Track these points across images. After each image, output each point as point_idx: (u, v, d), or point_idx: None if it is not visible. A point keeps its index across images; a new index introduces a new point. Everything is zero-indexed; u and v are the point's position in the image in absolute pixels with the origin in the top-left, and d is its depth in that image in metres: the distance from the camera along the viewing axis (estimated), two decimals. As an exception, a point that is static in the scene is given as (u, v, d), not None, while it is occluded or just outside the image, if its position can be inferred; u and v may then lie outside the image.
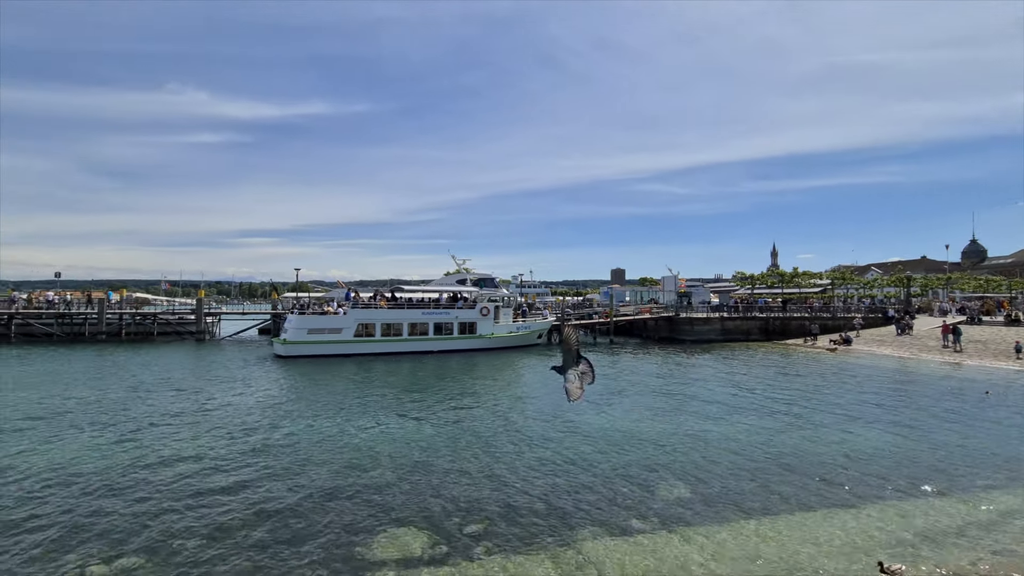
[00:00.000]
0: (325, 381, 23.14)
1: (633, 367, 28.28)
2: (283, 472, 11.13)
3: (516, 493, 10.04)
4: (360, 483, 10.53)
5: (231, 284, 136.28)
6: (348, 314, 32.27)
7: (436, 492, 10.07)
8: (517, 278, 76.37)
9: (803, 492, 10.19)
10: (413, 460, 12.01)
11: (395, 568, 7.31)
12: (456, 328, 34.78)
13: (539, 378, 24.50)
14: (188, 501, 9.51)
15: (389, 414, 16.65)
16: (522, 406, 18.07)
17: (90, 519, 8.72)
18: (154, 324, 42.20)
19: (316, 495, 9.86)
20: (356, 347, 31.90)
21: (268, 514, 8.99)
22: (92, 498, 9.62)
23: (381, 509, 9.26)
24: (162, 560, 7.41)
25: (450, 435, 14.19)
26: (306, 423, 15.37)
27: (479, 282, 39.68)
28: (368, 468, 11.43)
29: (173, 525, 8.52)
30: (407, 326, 33.56)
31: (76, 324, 40.14)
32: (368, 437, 13.90)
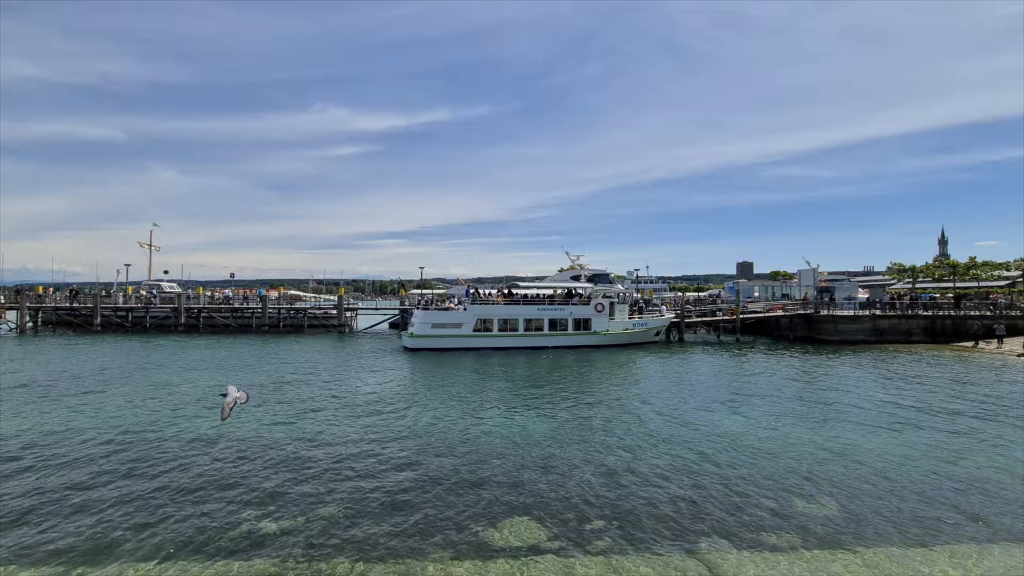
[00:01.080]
0: (448, 373, 24.48)
1: (764, 368, 25.97)
2: (412, 456, 11.99)
3: (636, 494, 9.75)
4: (482, 472, 10.97)
5: (365, 282, 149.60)
6: (468, 310, 33.83)
7: (555, 486, 10.15)
8: (632, 274, 74.05)
9: (977, 525, 8.57)
10: (532, 453, 12.23)
11: (517, 556, 7.51)
12: (571, 324, 34.74)
13: (657, 376, 23.55)
14: (328, 476, 10.66)
15: (508, 407, 17.14)
16: (640, 404, 17.51)
17: (247, 484, 10.16)
18: (304, 318, 47.97)
19: (442, 480, 10.47)
20: (475, 341, 33.32)
21: (398, 493, 9.75)
22: (251, 466, 11.19)
23: (502, 498, 9.56)
24: (301, 527, 8.39)
25: (568, 430, 14.21)
26: (432, 412, 16.39)
27: (593, 278, 39.21)
28: (489, 458, 11.87)
29: (316, 497, 9.61)
30: (523, 322, 34.26)
31: (246, 317, 47.08)
32: (488, 429, 14.44)
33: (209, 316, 46.52)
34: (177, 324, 45.45)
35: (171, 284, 61.16)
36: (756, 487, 10.12)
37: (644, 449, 12.52)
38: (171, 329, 45.17)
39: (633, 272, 74.41)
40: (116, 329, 45.03)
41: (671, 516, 8.82)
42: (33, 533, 8.04)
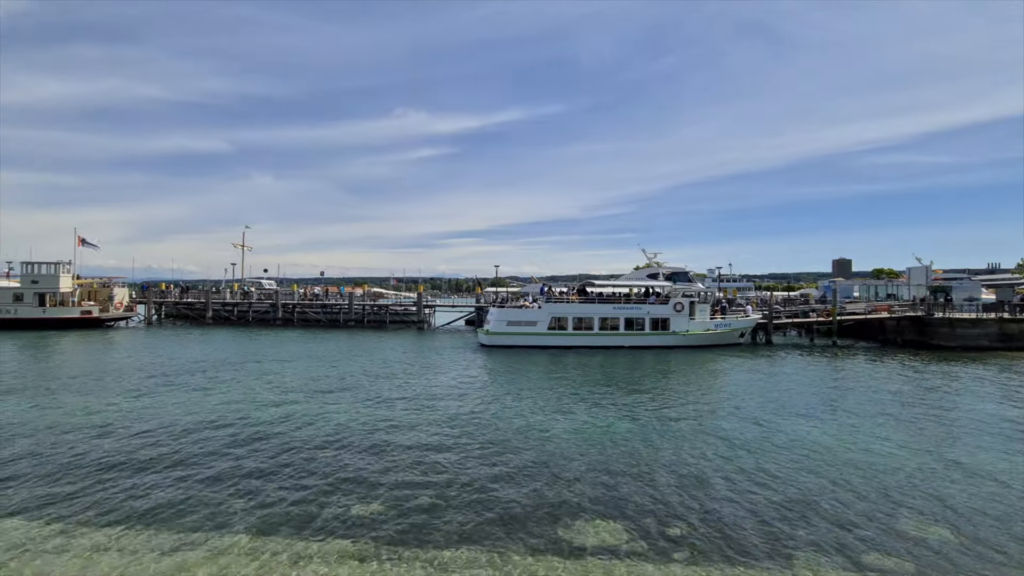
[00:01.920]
0: (524, 370, 24.69)
1: (865, 375, 23.77)
2: (493, 450, 12.22)
3: (721, 503, 9.30)
4: (562, 470, 10.96)
5: (442, 280, 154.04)
6: (542, 308, 33.90)
7: (635, 488, 9.93)
8: (714, 272, 70.70)
9: None
10: (611, 453, 12.04)
11: (596, 555, 7.44)
12: (648, 324, 33.77)
13: (743, 380, 22.30)
14: (414, 465, 11.12)
15: (583, 405, 17.00)
16: (724, 408, 16.66)
17: (340, 469, 10.82)
18: (386, 314, 50.45)
19: (522, 476, 10.59)
20: (549, 339, 33.33)
21: (480, 485, 9.97)
22: (344, 452, 11.91)
23: (580, 496, 9.51)
24: (390, 513, 8.79)
25: (647, 433, 13.84)
26: (510, 408, 16.61)
27: (672, 276, 37.86)
28: (569, 456, 11.84)
29: (404, 485, 10.06)
30: (598, 321, 33.78)
31: (334, 313, 50.34)
32: (566, 427, 14.40)
33: (302, 311, 50.21)
34: (275, 318, 49.55)
35: (269, 282, 66.65)
36: (859, 505, 9.30)
37: (730, 456, 11.91)
38: (270, 322, 49.31)
39: (714, 270, 70.98)
40: (224, 322, 49.86)
41: (760, 529, 8.33)
42: (156, 497, 9.10)
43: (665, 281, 36.80)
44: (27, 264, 44.46)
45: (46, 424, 13.89)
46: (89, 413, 15.14)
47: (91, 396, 17.48)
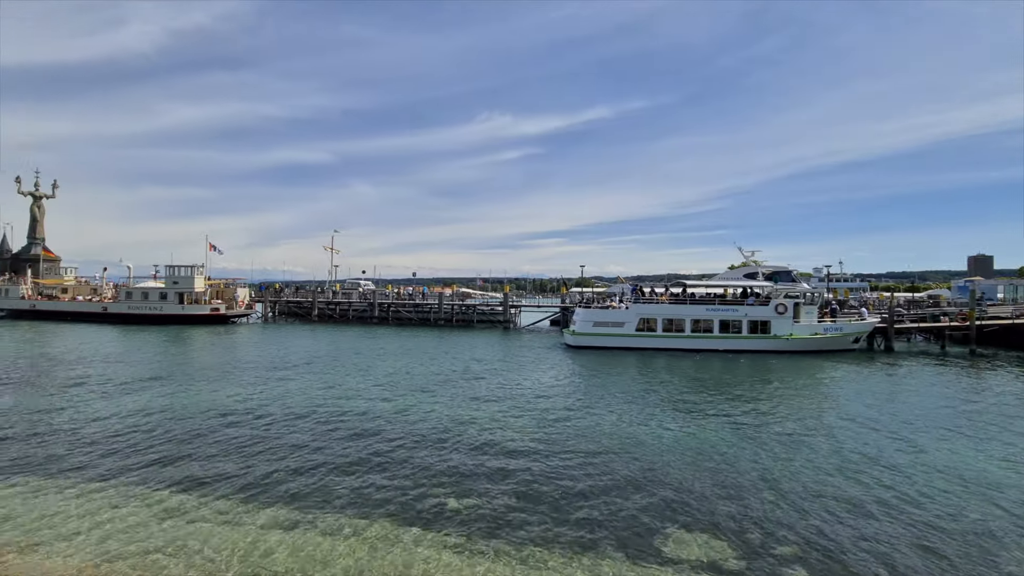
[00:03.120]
0: (611, 372, 24.17)
1: (1013, 391, 20.50)
2: (580, 452, 12.06)
3: (835, 524, 8.45)
4: (653, 476, 10.57)
5: (527, 280, 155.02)
6: (630, 309, 32.99)
7: (734, 501, 9.31)
8: (821, 271, 64.75)
9: None
10: (706, 463, 11.42)
11: (697, 570, 7.05)
12: (745, 326, 31.63)
13: (857, 390, 20.14)
14: (503, 463, 11.26)
15: (674, 412, 16.29)
16: (834, 421, 15.15)
17: (434, 461, 11.19)
18: (474, 313, 51.83)
19: (611, 480, 10.34)
20: (637, 341, 32.34)
21: (569, 487, 9.88)
22: (435, 445, 12.33)
23: (673, 507, 9.09)
24: (481, 508, 8.93)
25: (745, 442, 12.95)
26: (597, 411, 16.33)
27: (772, 276, 35.21)
28: (657, 463, 11.39)
29: (493, 482, 10.21)
30: (690, 322, 32.22)
31: (425, 312, 52.59)
32: (657, 432, 13.87)
33: (396, 310, 53.01)
34: (372, 316, 52.78)
35: (367, 282, 71.06)
36: (1003, 538, 7.99)
37: (841, 474, 10.79)
38: (367, 320, 52.60)
39: (822, 269, 65.03)
40: (327, 319, 53.96)
41: (881, 560, 7.43)
42: (270, 477, 9.99)
43: (765, 281, 34.30)
44: (169, 267, 51.18)
45: (186, 407, 15.84)
46: (224, 399, 17.07)
47: (224, 384, 19.71)
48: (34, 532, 7.83)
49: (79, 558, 7.11)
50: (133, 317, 49.92)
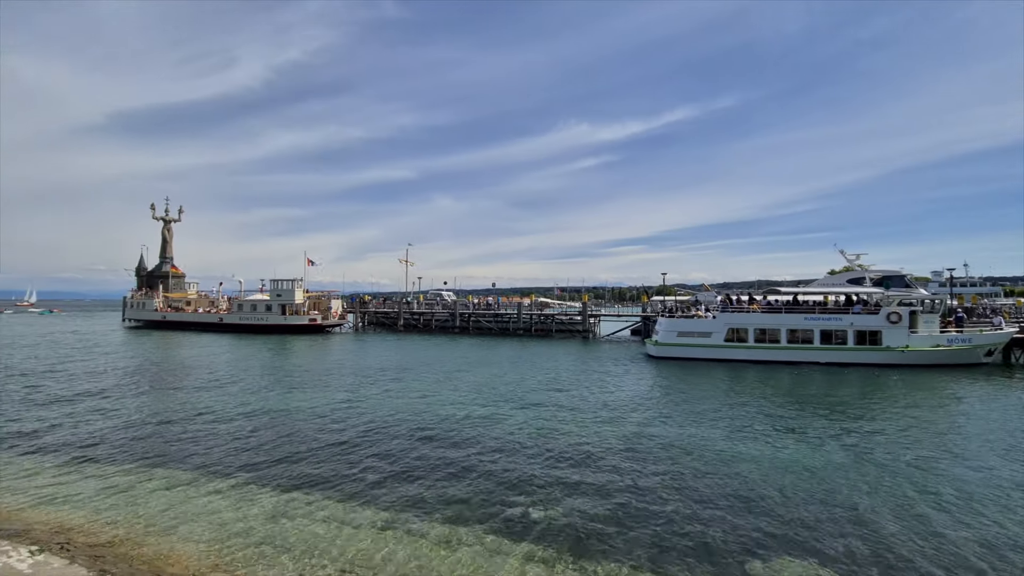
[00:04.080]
0: (696, 385, 23.03)
1: None
2: (665, 468, 11.56)
3: (964, 568, 7.37)
4: (743, 499, 9.87)
5: (605, 289, 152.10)
6: (717, 318, 31.29)
7: (846, 529, 8.45)
8: (942, 274, 57.81)
9: None
10: (810, 485, 10.49)
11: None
12: (851, 337, 28.83)
13: (994, 411, 17.58)
14: (586, 476, 11.03)
15: (771, 430, 15.16)
16: (965, 446, 13.32)
17: (514, 472, 11.20)
18: (552, 323, 51.71)
19: (700, 497, 9.81)
20: (726, 352, 30.59)
21: (654, 504, 9.47)
22: (516, 455, 12.34)
23: (775, 530, 8.42)
24: (564, 521, 8.78)
25: (857, 467, 11.74)
26: (682, 425, 15.61)
27: (882, 281, 31.94)
28: (752, 485, 10.63)
29: (576, 494, 10.02)
30: (785, 332, 29.95)
31: (504, 321, 53.29)
32: (748, 451, 12.98)
33: (476, 320, 54.19)
34: (454, 326, 54.36)
35: (448, 293, 73.31)
36: None
37: (980, 511, 9.43)
38: (449, 330, 54.24)
39: (942, 272, 58.09)
40: (412, 328, 56.31)
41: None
42: (363, 479, 10.50)
43: (874, 287, 31.17)
44: (273, 281, 56.02)
45: (292, 410, 17.17)
46: (326, 404, 18.32)
47: (326, 390, 21.18)
48: (167, 519, 8.80)
49: (203, 545, 7.88)
50: (244, 327, 55.17)
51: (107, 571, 6.80)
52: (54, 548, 7.43)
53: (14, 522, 8.55)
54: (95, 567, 6.89)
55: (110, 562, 7.17)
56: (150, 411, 16.99)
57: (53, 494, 9.87)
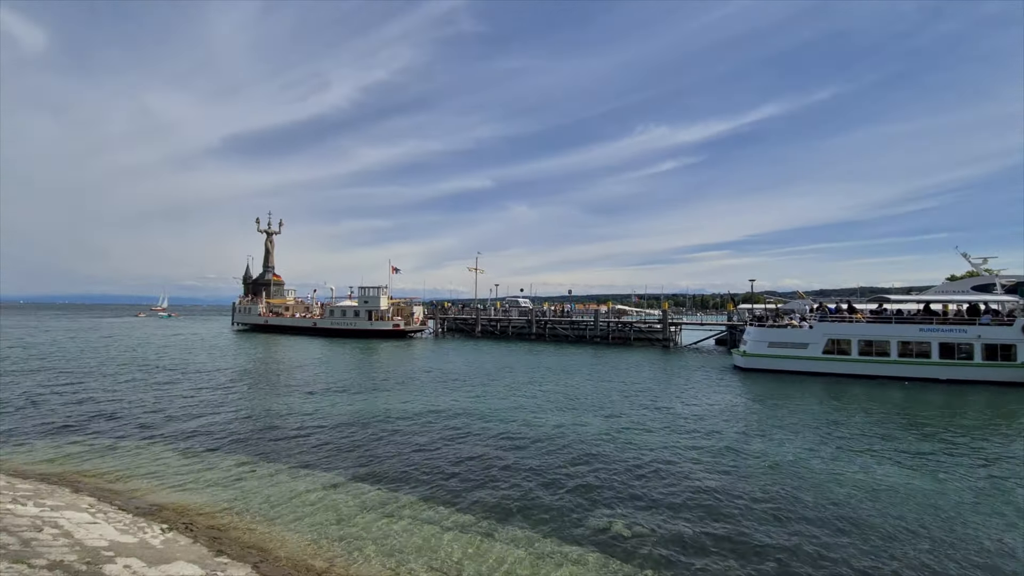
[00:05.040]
0: (790, 400, 21.38)
1: None
2: (759, 486, 10.81)
3: None
4: (848, 527, 8.99)
5: (685, 296, 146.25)
6: (815, 328, 28.89)
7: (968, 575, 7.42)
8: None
9: None
10: (921, 519, 9.35)
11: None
12: (979, 351, 25.47)
13: None
14: (670, 492, 10.56)
15: (880, 451, 13.71)
16: None
17: (598, 483, 10.95)
18: (630, 331, 50.39)
19: (796, 526, 9.05)
20: (824, 365, 28.16)
21: (749, 526, 8.87)
22: (600, 466, 12.07)
23: (885, 568, 7.56)
24: (649, 538, 8.43)
25: (981, 501, 10.30)
26: (777, 442, 14.54)
27: (1016, 288, 28.01)
28: (856, 512, 9.66)
29: (660, 511, 9.62)
30: (896, 345, 27.03)
31: (581, 329, 52.71)
32: (857, 475, 11.82)
33: (552, 327, 54.07)
34: (530, 333, 54.59)
35: (524, 300, 73.85)
36: None
37: None
38: (526, 336, 54.53)
39: (1096, 277, 49.85)
40: (489, 335, 57.26)
41: None
42: (445, 480, 10.74)
43: (1006, 295, 27.42)
44: (361, 288, 59.39)
45: (383, 411, 18.06)
46: (415, 406, 19.11)
47: (415, 392, 22.11)
48: (271, 508, 9.54)
49: (302, 535, 8.45)
50: (335, 331, 58.92)
51: (223, 551, 7.48)
52: (180, 527, 8.31)
53: (149, 502, 9.67)
54: (214, 547, 7.61)
55: (226, 543, 7.88)
56: (256, 408, 18.58)
57: (177, 479, 11.05)
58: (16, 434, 14.37)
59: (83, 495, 9.66)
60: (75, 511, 8.35)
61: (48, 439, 13.96)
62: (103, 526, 7.74)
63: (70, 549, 6.42)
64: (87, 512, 8.40)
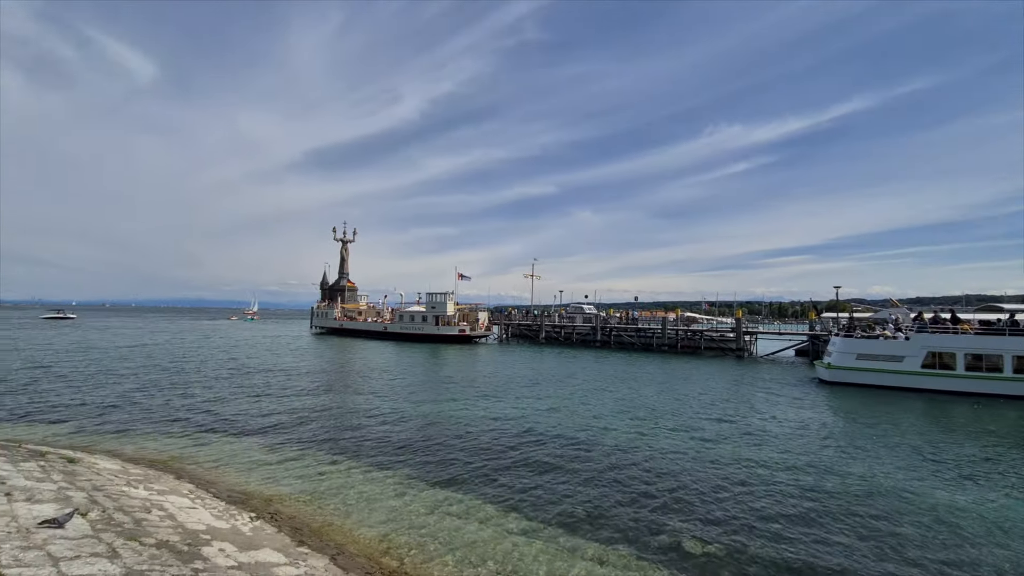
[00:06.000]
0: (885, 417, 19.56)
1: None
2: (851, 518, 9.96)
3: None
4: (967, 566, 8.05)
5: (761, 303, 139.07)
6: (911, 339, 26.34)
7: None
8: None
9: None
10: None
11: None
12: (1118, 369, 22.15)
13: None
14: (751, 510, 9.96)
15: (994, 481, 12.22)
16: None
17: (669, 497, 10.54)
18: (701, 339, 48.36)
19: (906, 555, 8.24)
20: (923, 381, 25.58)
21: (839, 553, 8.19)
22: (671, 479, 11.62)
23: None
24: (725, 557, 7.97)
25: None
26: (869, 466, 13.36)
27: None
28: (975, 548, 8.63)
29: (738, 529, 9.10)
30: (1011, 360, 24.08)
31: (648, 337, 51.27)
32: (967, 503, 10.60)
33: (618, 335, 53.00)
34: (594, 340, 53.81)
35: (589, 307, 73.02)
36: None
37: None
38: (590, 344, 53.80)
39: None
40: (553, 341, 57.03)
41: None
42: (512, 488, 10.75)
43: None
44: (429, 294, 61.22)
45: (452, 415, 18.48)
46: (481, 411, 19.43)
47: (476, 397, 22.47)
48: (346, 503, 9.99)
49: (375, 531, 8.77)
50: (403, 336, 61.06)
51: (304, 542, 7.91)
52: (266, 517, 8.89)
53: (239, 491, 10.44)
54: (296, 537, 8.07)
55: (306, 534, 8.34)
56: (334, 407, 19.59)
57: (263, 472, 11.85)
58: (131, 424, 16.04)
59: (184, 482, 10.58)
60: (177, 496, 9.16)
61: (156, 429, 15.46)
62: (201, 511, 8.43)
63: (173, 530, 7.05)
64: (187, 498, 9.19)
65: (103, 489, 8.46)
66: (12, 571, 4.50)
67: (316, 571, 6.79)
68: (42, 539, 5.48)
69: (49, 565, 4.83)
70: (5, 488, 7.28)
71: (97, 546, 5.63)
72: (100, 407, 18.33)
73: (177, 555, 6.04)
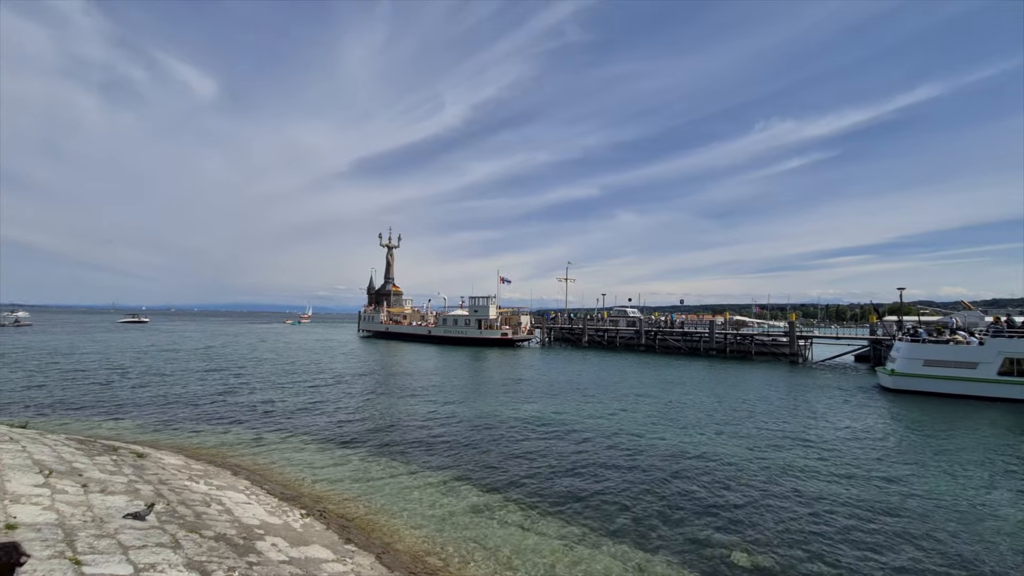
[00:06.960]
0: (958, 428, 18.20)
1: None
2: (921, 543, 9.31)
3: None
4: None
5: (816, 306, 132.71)
6: (987, 344, 24.42)
7: None
8: None
9: None
10: None
11: None
12: None
13: None
14: (804, 524, 9.48)
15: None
16: None
17: (718, 508, 10.16)
18: (751, 344, 46.53)
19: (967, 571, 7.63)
20: (998, 389, 23.65)
21: (893, 570, 7.66)
22: (720, 490, 11.21)
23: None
24: (780, 571, 7.59)
25: None
26: (942, 481, 12.46)
27: None
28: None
29: (791, 543, 8.67)
30: (1104, 367, 21.91)
31: (694, 341, 49.82)
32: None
33: (663, 338, 51.80)
34: (638, 344, 52.80)
35: (633, 310, 71.74)
36: None
37: None
38: (634, 348, 52.83)
39: None
40: (596, 345, 56.37)
41: None
42: (554, 489, 10.67)
43: None
44: (471, 298, 61.85)
45: (493, 417, 18.59)
46: (527, 414, 19.47)
47: (518, 400, 22.52)
48: (391, 503, 10.20)
49: (419, 531, 8.92)
50: (447, 339, 61.94)
51: (351, 540, 8.14)
52: (315, 514, 9.20)
53: (291, 489, 10.86)
54: (343, 535, 8.31)
55: (353, 532, 8.57)
56: (382, 408, 20.10)
57: (313, 470, 12.28)
58: (194, 421, 17.02)
59: (240, 478, 11.11)
60: (234, 491, 9.63)
61: (215, 427, 16.33)
62: (255, 507, 8.83)
63: (230, 524, 7.41)
64: (243, 493, 9.65)
65: (168, 483, 9.00)
66: (86, 557, 4.86)
67: (362, 568, 6.97)
68: (114, 528, 5.89)
69: (119, 553, 5.18)
70: (82, 480, 7.86)
71: (162, 537, 5.99)
72: (167, 404, 19.55)
73: (233, 548, 6.35)
